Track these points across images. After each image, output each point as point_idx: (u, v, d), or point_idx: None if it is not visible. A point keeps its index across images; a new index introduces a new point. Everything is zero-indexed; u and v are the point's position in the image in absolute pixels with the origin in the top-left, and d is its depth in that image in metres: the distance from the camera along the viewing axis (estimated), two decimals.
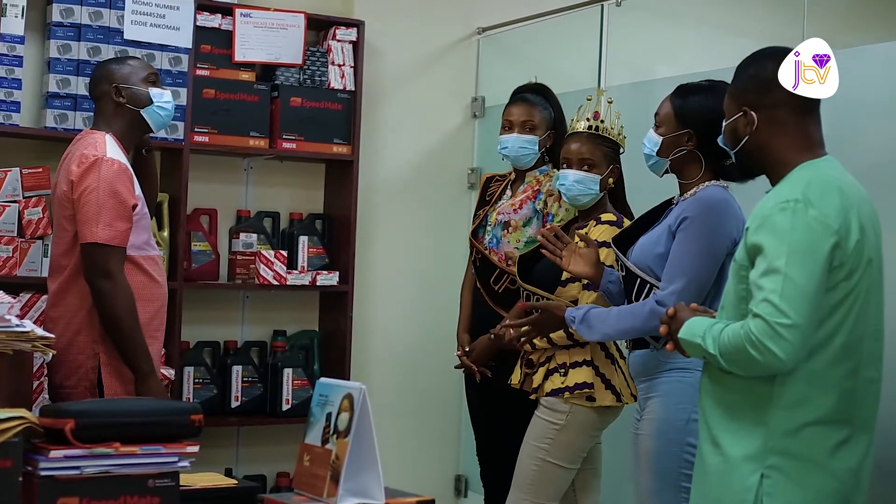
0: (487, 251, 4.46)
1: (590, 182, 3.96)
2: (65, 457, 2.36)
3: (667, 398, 3.41)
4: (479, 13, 5.78)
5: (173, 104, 4.00)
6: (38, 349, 2.79)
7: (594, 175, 3.95)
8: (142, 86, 3.91)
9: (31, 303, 4.51)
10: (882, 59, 3.89)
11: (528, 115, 4.44)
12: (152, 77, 3.96)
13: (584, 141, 3.98)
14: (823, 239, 2.66)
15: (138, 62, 4.02)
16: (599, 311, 3.53)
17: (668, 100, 3.55)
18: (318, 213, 5.45)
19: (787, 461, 2.70)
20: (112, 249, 3.70)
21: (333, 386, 2.72)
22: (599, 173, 3.95)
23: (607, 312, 3.51)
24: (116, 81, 3.89)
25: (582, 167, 3.96)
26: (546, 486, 3.96)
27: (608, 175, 3.96)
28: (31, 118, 4.75)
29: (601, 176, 3.95)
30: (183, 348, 5.01)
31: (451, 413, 5.62)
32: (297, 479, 2.73)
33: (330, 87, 5.26)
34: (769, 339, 2.60)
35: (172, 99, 3.99)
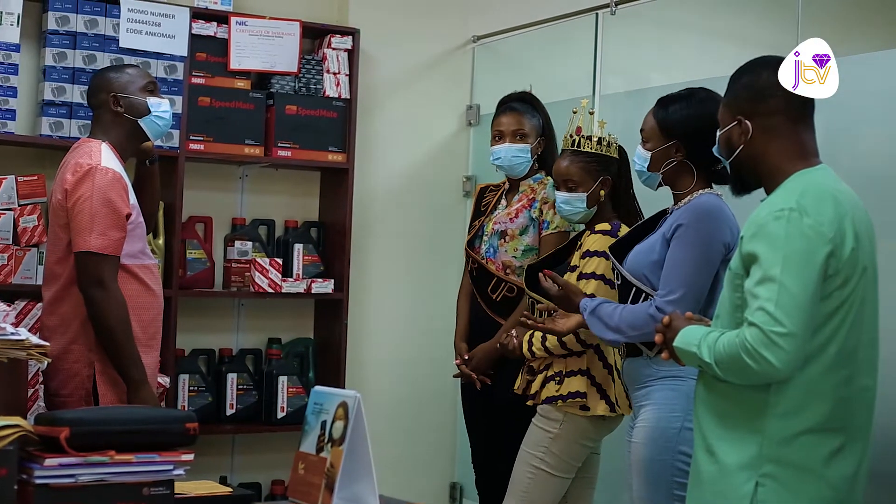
0: (485, 261, 4.46)
1: (576, 202, 3.98)
2: (60, 465, 2.36)
3: (660, 406, 3.41)
4: (473, 21, 5.79)
5: (171, 113, 4.00)
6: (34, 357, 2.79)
7: (579, 194, 3.96)
8: (140, 95, 3.90)
9: (27, 310, 4.50)
10: (876, 68, 3.89)
11: (517, 124, 4.47)
12: (150, 86, 3.95)
13: (566, 159, 4.01)
14: (818, 247, 2.66)
15: (137, 71, 4.01)
16: (608, 306, 3.53)
17: (651, 113, 3.56)
18: (314, 220, 5.45)
19: (782, 469, 2.70)
20: (105, 258, 3.70)
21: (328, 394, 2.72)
22: (585, 190, 3.96)
23: (614, 308, 3.51)
24: (114, 91, 3.89)
25: (567, 187, 3.98)
26: (539, 495, 3.96)
27: (597, 188, 3.96)
28: (27, 126, 4.75)
29: (587, 193, 3.96)
30: (178, 356, 5.00)
31: (447, 421, 5.62)
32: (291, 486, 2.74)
33: (325, 95, 5.26)
34: (765, 347, 2.60)
35: (171, 108, 3.99)
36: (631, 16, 5.04)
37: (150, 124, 3.92)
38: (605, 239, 3.88)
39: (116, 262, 3.74)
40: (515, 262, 4.38)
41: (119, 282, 3.74)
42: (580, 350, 3.89)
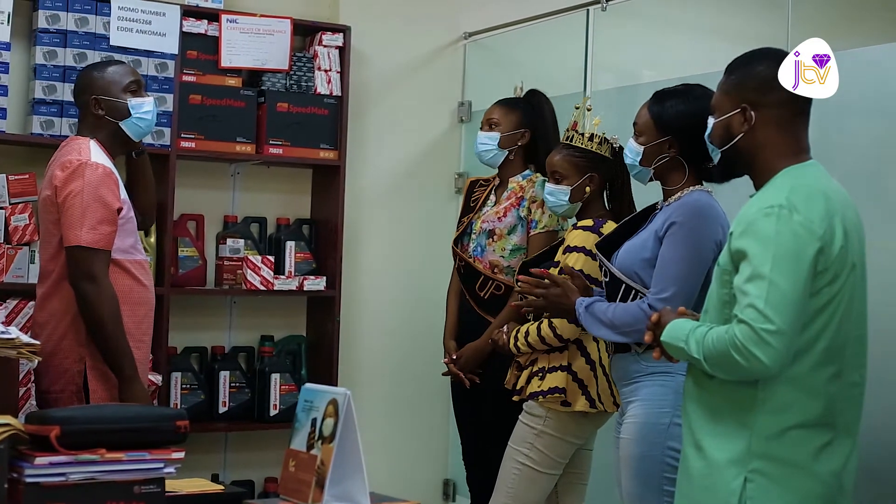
0: (472, 259, 4.47)
1: (559, 194, 4.00)
2: (50, 463, 2.36)
3: (648, 402, 3.41)
4: (465, 18, 5.79)
5: (155, 112, 3.97)
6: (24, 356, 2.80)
7: (563, 187, 3.98)
8: (121, 97, 3.89)
9: (18, 309, 4.50)
10: (867, 63, 3.89)
11: (490, 114, 4.55)
12: (133, 86, 3.93)
13: (558, 152, 4.04)
14: (808, 245, 2.66)
15: (121, 69, 3.98)
16: (601, 304, 3.52)
17: (646, 107, 3.54)
18: (306, 218, 5.45)
19: (771, 465, 2.71)
20: (96, 252, 3.70)
21: (318, 391, 2.73)
22: (569, 184, 3.97)
23: (608, 305, 3.50)
24: (96, 93, 3.88)
25: (554, 179, 4.01)
26: (525, 491, 3.97)
27: (582, 183, 3.97)
28: (18, 124, 4.75)
29: (571, 187, 3.97)
30: (170, 354, 5.00)
31: (439, 417, 5.62)
32: (282, 484, 2.74)
33: (316, 92, 5.26)
34: (754, 344, 2.61)
35: (155, 106, 3.97)
36: (622, 12, 5.05)
37: (132, 126, 3.91)
38: (585, 234, 3.89)
39: (107, 257, 3.74)
40: (503, 262, 4.39)
41: (111, 277, 3.75)
42: (560, 346, 3.89)
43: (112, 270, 3.76)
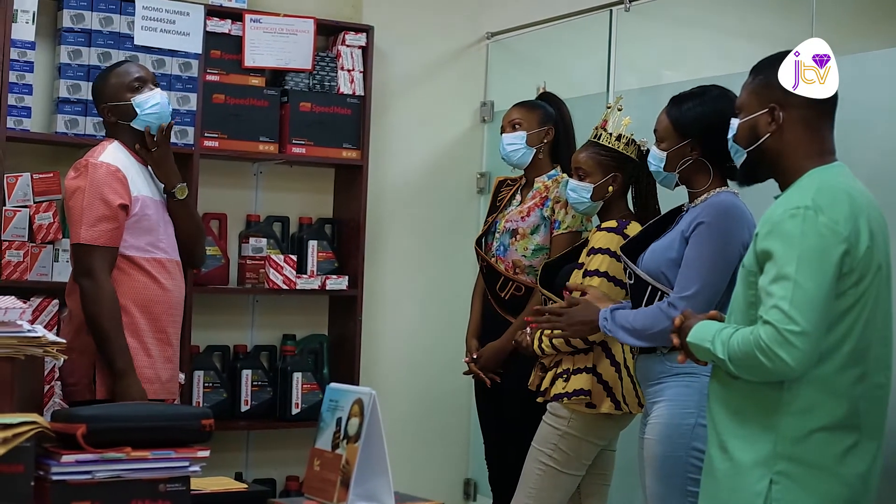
0: (493, 259, 4.47)
1: (581, 191, 3.99)
2: (76, 461, 2.37)
3: (673, 403, 3.40)
4: (488, 18, 5.79)
5: (164, 101, 4.00)
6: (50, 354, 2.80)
7: (586, 184, 3.98)
8: (125, 99, 3.94)
9: (42, 307, 4.53)
10: (891, 64, 3.88)
11: (513, 115, 4.54)
12: (135, 83, 3.97)
13: (585, 149, 4.03)
14: (833, 246, 2.66)
15: (123, 69, 4.04)
16: (625, 311, 3.52)
17: (665, 113, 3.53)
18: (328, 217, 5.46)
19: (796, 467, 2.70)
20: (94, 249, 3.78)
21: (344, 391, 2.73)
22: (592, 182, 3.97)
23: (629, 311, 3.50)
24: (104, 101, 3.98)
25: (577, 175, 4.00)
26: (549, 492, 3.97)
27: (605, 182, 3.96)
28: (42, 123, 4.77)
29: (594, 185, 3.96)
30: (193, 352, 5.02)
31: (461, 417, 5.62)
32: (307, 483, 2.75)
33: (339, 92, 5.27)
34: (779, 346, 2.60)
35: (162, 97, 3.99)
36: (645, 12, 5.03)
37: (142, 124, 3.97)
38: (609, 236, 3.88)
39: (108, 254, 3.81)
40: (524, 262, 4.39)
41: (125, 273, 3.83)
42: (585, 347, 3.89)
43: (126, 267, 3.84)
